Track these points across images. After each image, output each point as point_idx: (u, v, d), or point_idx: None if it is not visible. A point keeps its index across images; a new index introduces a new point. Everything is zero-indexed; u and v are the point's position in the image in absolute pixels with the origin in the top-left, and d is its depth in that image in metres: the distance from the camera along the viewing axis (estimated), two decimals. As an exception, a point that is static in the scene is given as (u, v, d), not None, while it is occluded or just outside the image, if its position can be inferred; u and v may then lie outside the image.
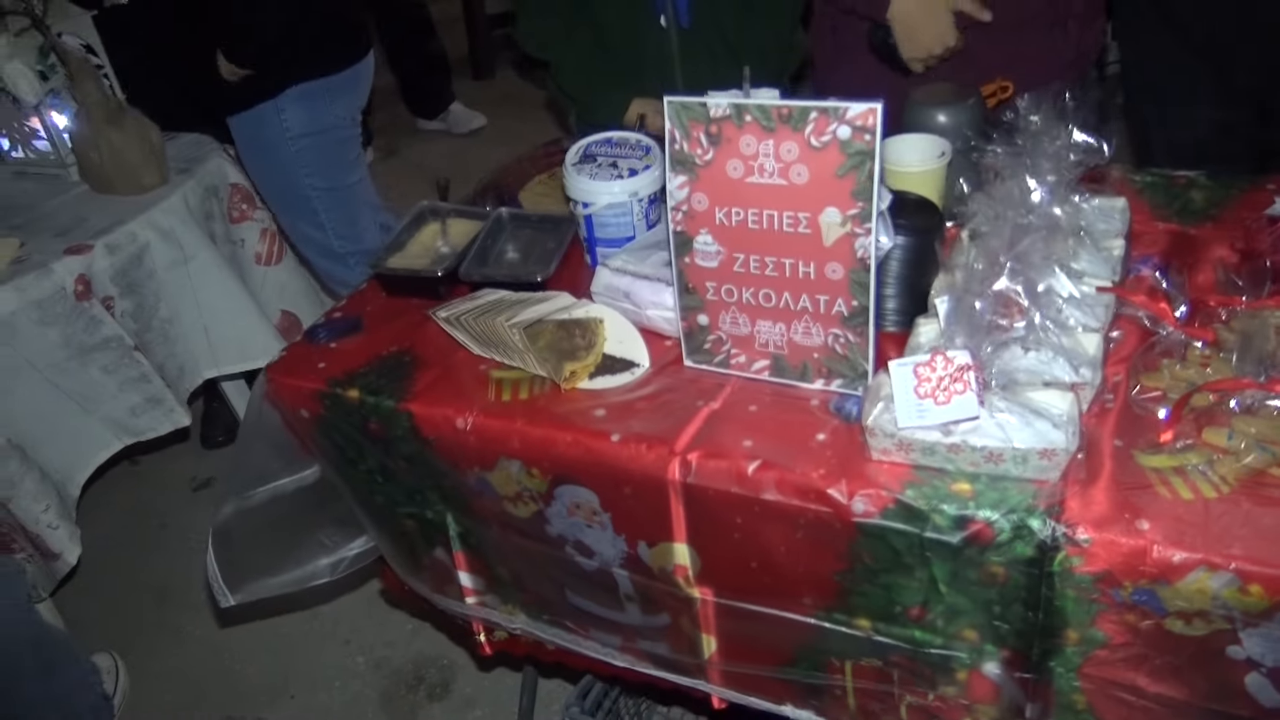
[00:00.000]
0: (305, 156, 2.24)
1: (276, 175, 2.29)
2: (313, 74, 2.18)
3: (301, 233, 2.38)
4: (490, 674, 2.08)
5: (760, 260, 1.10)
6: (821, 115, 1.00)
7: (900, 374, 0.99)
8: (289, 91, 2.16)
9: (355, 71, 2.28)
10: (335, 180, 2.32)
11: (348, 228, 2.36)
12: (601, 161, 1.41)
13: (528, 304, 1.27)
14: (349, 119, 2.32)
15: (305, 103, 2.19)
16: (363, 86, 2.34)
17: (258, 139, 2.24)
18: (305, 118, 2.20)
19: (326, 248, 2.39)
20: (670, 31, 1.82)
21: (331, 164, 2.30)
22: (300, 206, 2.32)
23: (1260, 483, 0.94)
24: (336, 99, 2.25)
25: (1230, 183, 1.42)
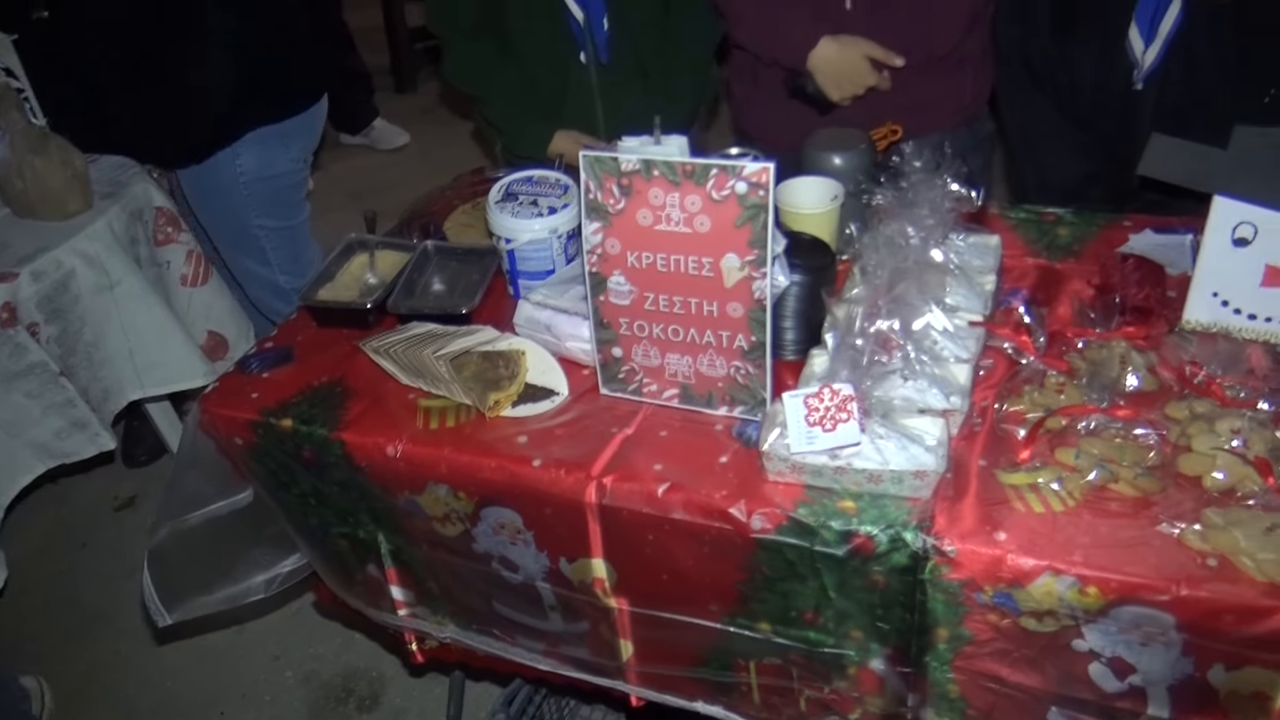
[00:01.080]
0: (256, 199, 2.23)
1: (226, 217, 2.28)
2: (270, 119, 2.17)
3: (247, 269, 2.38)
4: (419, 682, 2.15)
5: (669, 299, 1.21)
6: (721, 172, 1.11)
7: (792, 405, 1.10)
8: (246, 137, 2.15)
9: (312, 112, 2.28)
10: (284, 220, 2.32)
11: (293, 264, 2.37)
12: (523, 199, 1.50)
13: (454, 336, 1.36)
14: (302, 161, 2.31)
15: (261, 147, 2.18)
16: (318, 127, 2.34)
17: (209, 182, 2.21)
18: (260, 162, 2.19)
19: (272, 284, 2.39)
20: (590, 67, 1.93)
21: (282, 205, 2.29)
22: (248, 246, 2.32)
23: (1101, 497, 1.08)
24: (292, 142, 2.24)
25: (1093, 219, 1.58)
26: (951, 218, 1.31)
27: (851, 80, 1.75)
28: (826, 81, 1.76)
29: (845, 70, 1.74)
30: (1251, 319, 1.29)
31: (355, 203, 3.79)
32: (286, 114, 2.20)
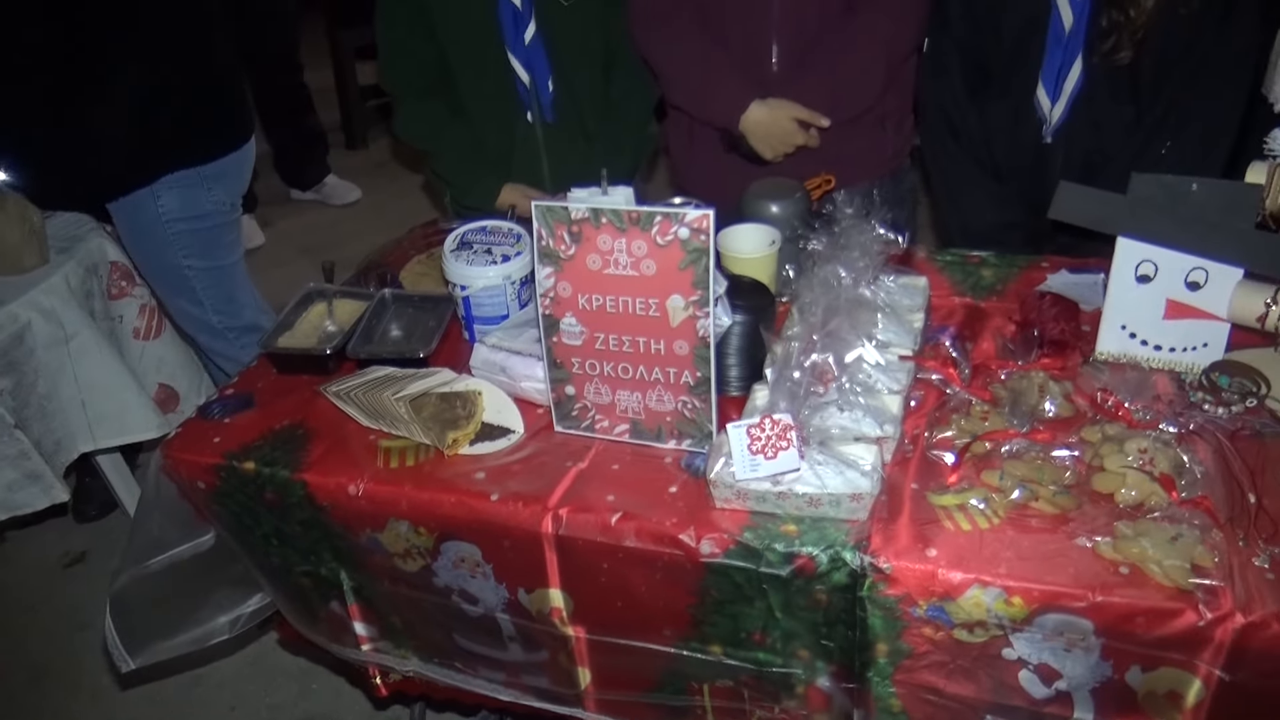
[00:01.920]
0: (182, 240, 2.26)
1: (154, 256, 2.31)
2: (189, 162, 2.20)
3: (180, 309, 2.41)
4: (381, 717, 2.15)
5: (618, 339, 1.28)
6: (665, 219, 1.19)
7: (736, 434, 1.18)
8: (164, 179, 2.18)
9: (234, 158, 2.31)
10: (213, 261, 2.35)
11: (226, 304, 2.40)
12: (477, 248, 1.57)
13: (412, 379, 1.41)
14: (228, 204, 2.34)
15: (181, 190, 2.21)
16: (243, 171, 2.37)
17: (135, 222, 2.25)
18: (181, 204, 2.22)
19: (206, 323, 2.42)
20: (536, 125, 2.02)
21: (209, 246, 2.32)
22: (179, 285, 2.35)
23: (1023, 514, 1.16)
24: (215, 185, 2.27)
25: (1013, 261, 1.69)
26: (880, 260, 1.41)
27: (781, 140, 1.86)
28: (758, 142, 1.88)
29: (775, 131, 1.85)
30: (1157, 349, 1.40)
31: (305, 257, 3.83)
32: (206, 158, 2.23)
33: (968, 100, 1.77)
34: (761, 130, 1.87)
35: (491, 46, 1.93)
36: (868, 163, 1.96)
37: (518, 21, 1.91)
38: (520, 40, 1.92)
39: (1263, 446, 1.24)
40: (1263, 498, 1.15)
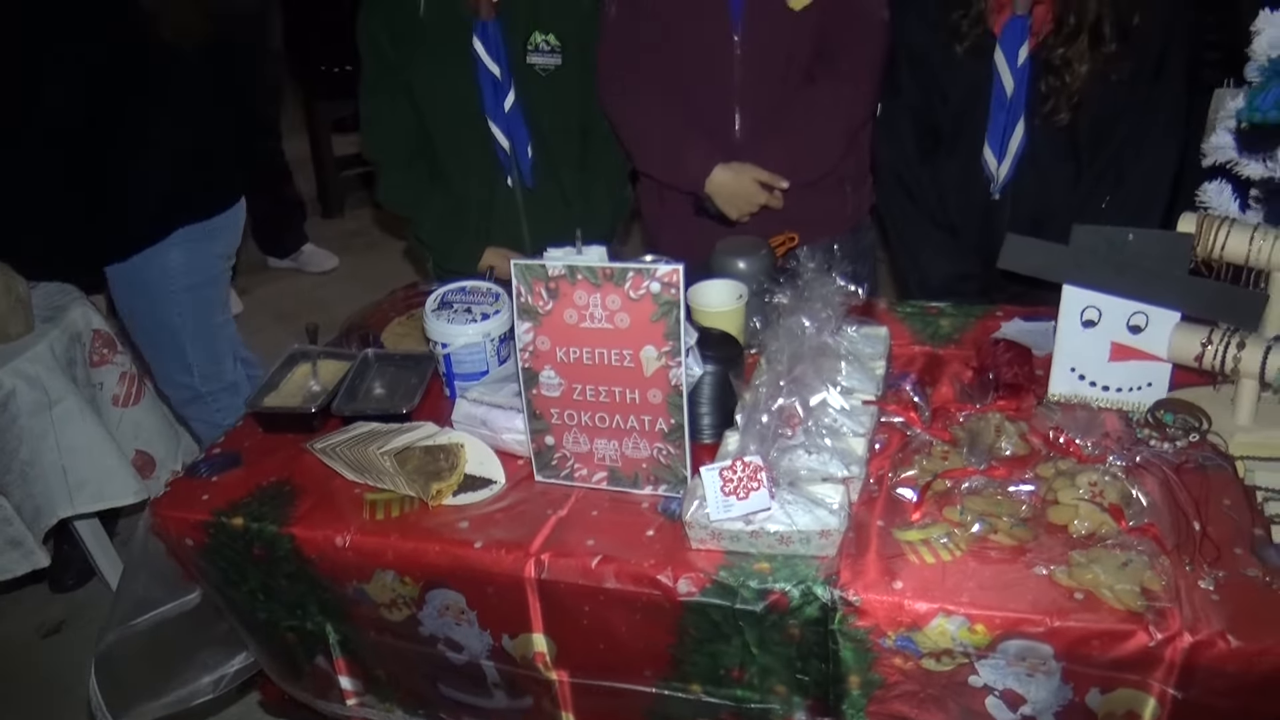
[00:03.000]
0: (181, 297, 2.32)
1: (151, 315, 2.34)
2: (199, 216, 2.28)
3: (166, 373, 2.45)
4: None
5: (595, 389, 1.34)
6: (637, 274, 1.26)
7: (709, 477, 1.23)
8: (176, 233, 2.25)
9: (233, 212, 2.39)
10: (206, 320, 2.40)
11: (211, 365, 2.45)
12: (457, 307, 1.64)
13: (396, 433, 1.46)
14: (226, 256, 2.42)
15: (190, 245, 2.27)
16: (240, 226, 2.45)
17: (138, 281, 2.29)
18: (188, 259, 2.28)
19: (190, 388, 2.45)
20: (516, 190, 2.10)
21: (206, 305, 2.38)
22: (170, 346, 2.38)
23: (983, 547, 1.23)
24: (218, 238, 2.35)
25: (970, 311, 1.78)
26: (842, 310, 1.48)
27: (746, 201, 1.96)
28: (724, 203, 1.97)
29: (739, 193, 1.95)
30: (1105, 390, 1.48)
31: (283, 323, 3.87)
32: (214, 211, 2.32)
33: (920, 161, 1.87)
34: (726, 192, 1.96)
35: (472, 115, 2.02)
36: (829, 221, 2.06)
37: (497, 90, 2.00)
38: (500, 108, 2.01)
39: (1206, 478, 1.31)
40: (1207, 525, 1.21)
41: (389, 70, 2.03)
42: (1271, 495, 1.24)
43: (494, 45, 1.97)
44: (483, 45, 1.97)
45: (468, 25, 1.97)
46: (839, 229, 2.07)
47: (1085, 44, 1.66)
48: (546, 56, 1.99)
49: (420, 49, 1.99)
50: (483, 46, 1.97)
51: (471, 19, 1.96)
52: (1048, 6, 1.70)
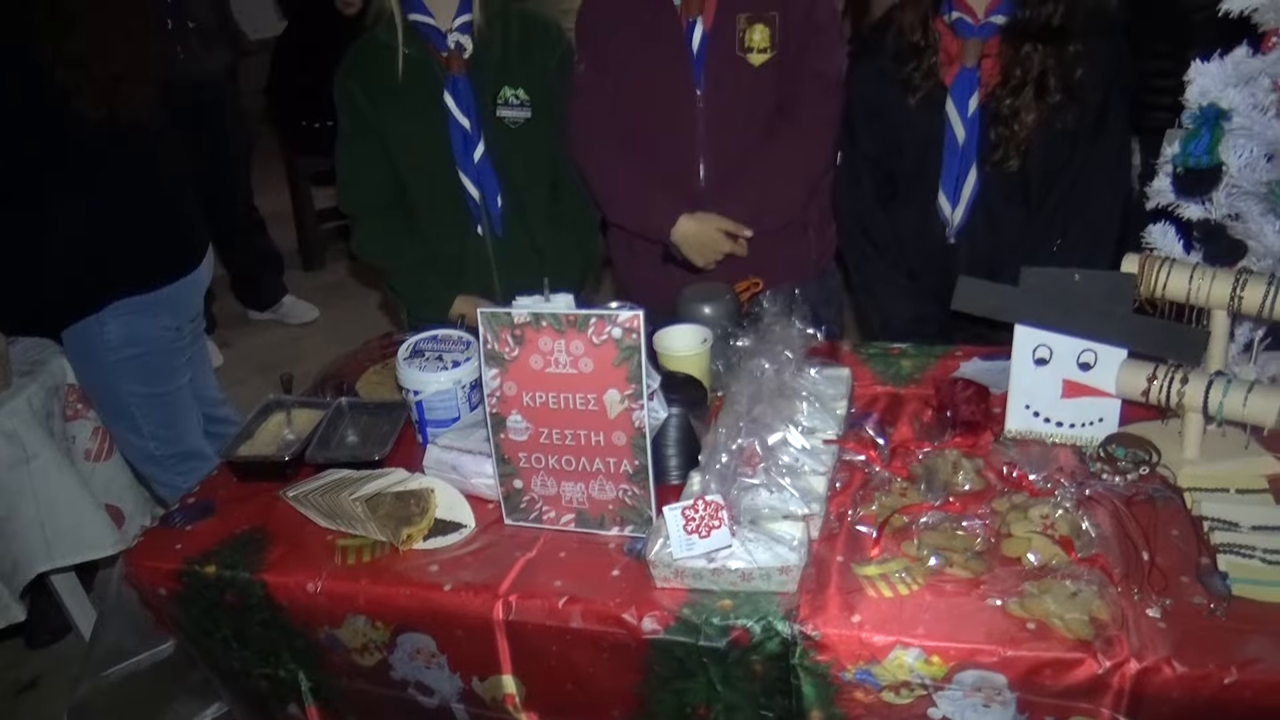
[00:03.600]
0: (124, 367, 2.27)
1: (97, 383, 2.32)
2: (136, 289, 2.21)
3: (120, 436, 2.43)
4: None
5: (561, 433, 1.37)
6: (599, 320, 1.30)
7: (672, 516, 1.27)
8: (110, 307, 2.19)
9: (183, 284, 2.33)
10: (157, 388, 2.35)
11: (167, 431, 2.41)
12: (429, 355, 1.67)
13: (368, 479, 1.49)
14: (174, 329, 2.34)
15: (127, 317, 2.22)
16: (192, 296, 2.40)
17: (80, 349, 2.27)
18: (125, 331, 2.23)
19: (145, 451, 2.43)
20: (486, 239, 2.15)
21: (154, 374, 2.33)
22: (119, 413, 2.36)
23: (939, 580, 1.26)
24: (160, 311, 2.28)
25: (930, 351, 1.82)
26: (803, 352, 1.53)
27: (711, 249, 2.02)
28: (690, 251, 2.03)
29: (705, 241, 2.01)
30: (1059, 425, 1.53)
31: (264, 374, 3.89)
32: (152, 285, 2.25)
33: (878, 208, 1.94)
34: (692, 241, 2.02)
35: (443, 166, 2.08)
36: (795, 266, 2.11)
37: (467, 142, 2.06)
38: (470, 159, 2.07)
39: (1155, 509, 1.35)
40: (1155, 555, 1.25)
41: (364, 125, 2.09)
42: (1217, 525, 1.28)
43: (464, 99, 2.03)
44: (453, 99, 2.03)
45: (440, 80, 2.03)
46: (805, 274, 2.12)
47: (1031, 95, 1.73)
48: (516, 110, 2.06)
49: (394, 103, 2.05)
50: (453, 100, 2.03)
51: (443, 74, 2.03)
52: (995, 60, 1.77)
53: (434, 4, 2.01)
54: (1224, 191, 1.47)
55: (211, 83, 3.84)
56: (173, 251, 2.34)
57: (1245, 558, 1.22)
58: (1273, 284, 1.36)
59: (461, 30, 2.03)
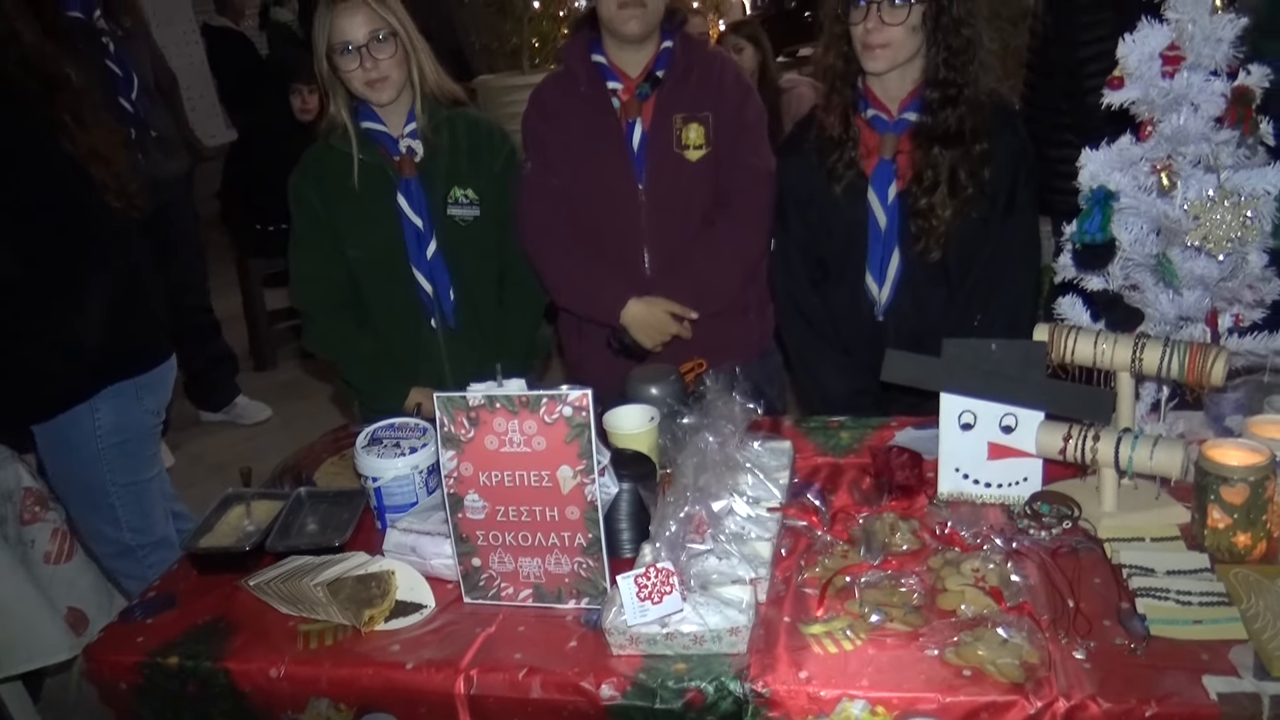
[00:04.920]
0: (110, 454, 2.32)
1: (79, 473, 2.35)
2: (128, 373, 2.30)
3: (95, 529, 2.43)
4: None
5: (517, 510, 1.43)
6: (550, 400, 1.38)
7: (625, 584, 1.32)
8: (104, 392, 2.26)
9: (163, 369, 2.42)
10: (136, 476, 2.40)
11: (142, 520, 2.44)
12: (386, 443, 1.73)
13: (329, 564, 1.53)
14: (155, 413, 2.43)
15: (118, 401, 2.28)
16: (169, 382, 2.47)
17: (65, 439, 2.29)
18: (116, 416, 2.29)
19: (119, 543, 2.44)
20: (439, 332, 2.23)
21: (136, 461, 2.39)
22: (99, 503, 2.38)
23: (881, 634, 1.33)
24: (146, 395, 2.36)
25: (867, 423, 1.92)
26: (744, 425, 1.62)
27: (659, 331, 2.12)
28: (639, 334, 2.13)
29: (653, 324, 2.11)
30: (987, 486, 1.62)
31: (217, 475, 3.87)
32: (143, 368, 2.33)
33: (811, 289, 2.06)
34: (641, 323, 2.12)
35: (398, 263, 2.17)
36: (737, 347, 2.22)
37: (420, 240, 2.16)
38: (423, 256, 2.17)
39: (1078, 560, 1.44)
40: (1079, 602, 1.34)
41: (318, 225, 2.18)
42: (1135, 571, 1.37)
43: (416, 200, 2.14)
44: (406, 200, 2.14)
45: (393, 182, 2.14)
46: (747, 353, 2.23)
47: (945, 192, 1.88)
48: (465, 209, 2.17)
49: (349, 205, 2.15)
50: (406, 201, 2.14)
51: (396, 177, 2.14)
52: (909, 155, 1.92)
53: (385, 113, 2.14)
54: (1119, 264, 1.61)
55: (170, 188, 3.94)
56: (154, 337, 2.43)
57: (1161, 600, 1.31)
58: (1168, 347, 1.49)
59: (412, 135, 2.15)
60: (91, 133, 2.17)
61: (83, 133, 2.15)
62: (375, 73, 2.04)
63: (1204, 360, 1.46)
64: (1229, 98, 1.47)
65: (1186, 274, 1.55)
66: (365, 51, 2.02)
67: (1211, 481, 1.39)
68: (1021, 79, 3.02)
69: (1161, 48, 1.50)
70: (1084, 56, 2.57)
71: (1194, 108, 1.49)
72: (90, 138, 2.17)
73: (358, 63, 2.03)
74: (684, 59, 2.12)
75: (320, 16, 2.06)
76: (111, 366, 2.28)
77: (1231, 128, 1.48)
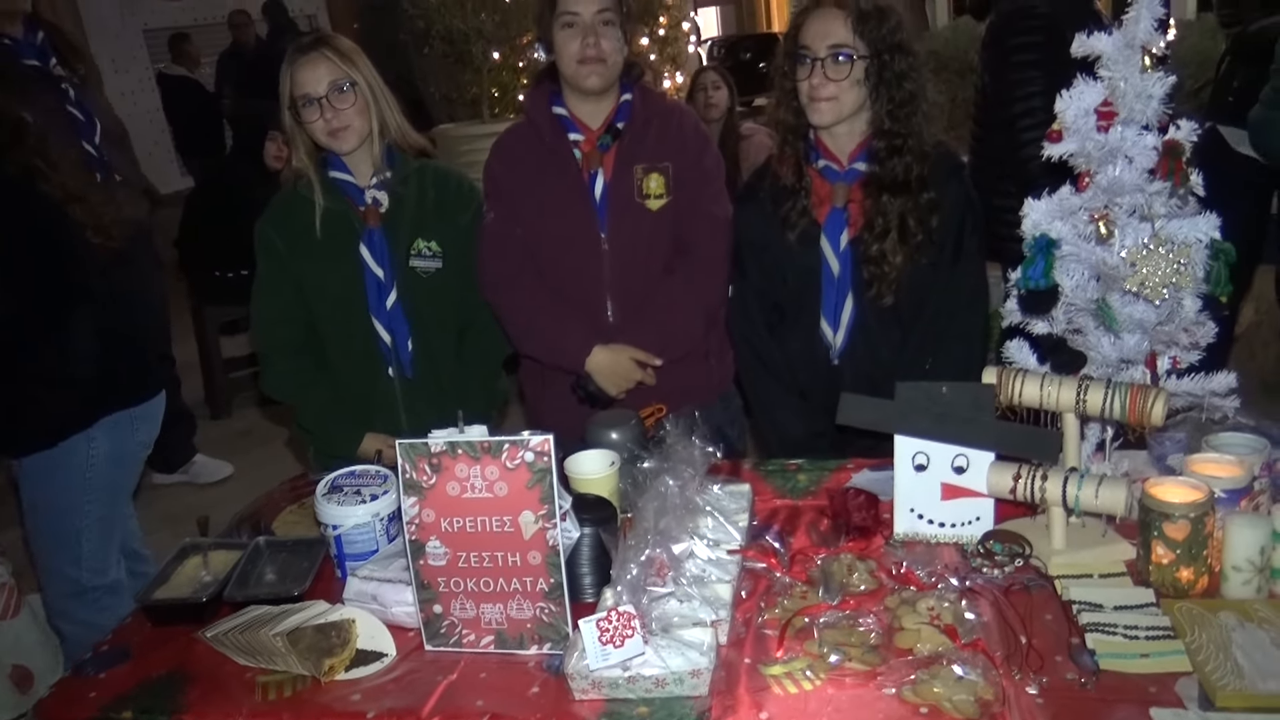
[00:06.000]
0: (96, 484, 2.31)
1: (57, 501, 2.31)
2: (127, 403, 2.33)
3: (55, 568, 2.38)
4: None
5: (479, 555, 1.44)
6: (512, 446, 1.40)
7: (587, 629, 1.33)
8: (102, 422, 2.28)
9: (157, 400, 2.44)
10: (113, 509, 2.39)
11: (102, 560, 2.40)
12: (347, 490, 1.73)
13: (288, 614, 1.51)
14: (146, 444, 2.45)
15: (114, 430, 2.31)
16: (160, 414, 2.49)
17: (56, 465, 2.27)
18: (111, 445, 2.32)
19: (76, 583, 2.39)
20: (396, 381, 2.24)
21: (118, 492, 2.39)
22: (66, 540, 2.34)
23: (839, 674, 1.34)
24: (140, 426, 2.39)
25: (824, 465, 1.96)
26: (704, 469, 1.64)
27: (624, 377, 2.15)
28: (603, 380, 2.15)
29: (617, 371, 2.14)
30: (941, 526, 1.66)
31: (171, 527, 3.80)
32: (141, 398, 2.38)
33: (768, 334, 2.11)
34: (605, 370, 2.15)
35: (357, 312, 2.18)
36: (698, 391, 2.25)
37: (381, 290, 2.18)
38: (383, 306, 2.19)
39: (1030, 597, 1.48)
40: (1032, 638, 1.37)
41: (281, 270, 2.19)
42: (1084, 607, 1.41)
43: (379, 250, 2.16)
44: (368, 250, 2.16)
45: (357, 232, 2.16)
46: (708, 398, 2.26)
47: (895, 239, 1.94)
48: (428, 261, 2.19)
49: (312, 252, 2.17)
50: (368, 251, 2.16)
51: (360, 226, 2.16)
52: (860, 204, 1.98)
53: (353, 162, 2.16)
54: (1062, 309, 1.67)
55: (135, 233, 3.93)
56: (149, 369, 2.48)
57: (1109, 635, 1.35)
58: (1110, 389, 1.54)
59: (378, 187, 2.18)
60: (63, 173, 2.23)
61: (55, 174, 2.20)
62: (337, 122, 2.07)
63: (1144, 401, 1.51)
64: (1160, 151, 1.55)
65: (1126, 318, 1.61)
66: (326, 102, 2.06)
67: (1154, 518, 1.44)
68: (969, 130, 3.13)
69: (1096, 104, 1.58)
70: (1016, 112, 2.69)
71: (1128, 160, 1.56)
72: (62, 177, 2.22)
73: (319, 114, 2.06)
74: (644, 111, 2.18)
75: (284, 70, 2.10)
76: (108, 397, 2.30)
77: (1164, 179, 1.55)
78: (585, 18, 2.06)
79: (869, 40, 1.90)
